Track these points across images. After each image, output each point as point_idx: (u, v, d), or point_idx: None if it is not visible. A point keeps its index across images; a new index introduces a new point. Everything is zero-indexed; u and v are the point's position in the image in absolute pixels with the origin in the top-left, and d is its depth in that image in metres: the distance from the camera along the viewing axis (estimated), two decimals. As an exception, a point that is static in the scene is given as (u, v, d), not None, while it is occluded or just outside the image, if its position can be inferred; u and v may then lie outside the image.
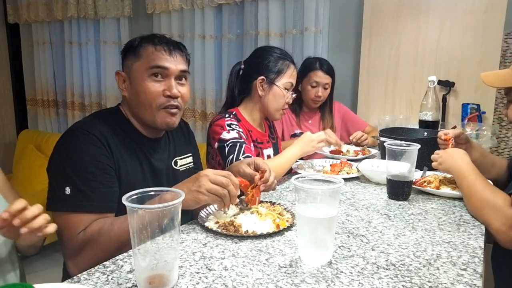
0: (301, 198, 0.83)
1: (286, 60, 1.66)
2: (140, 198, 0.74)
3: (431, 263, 0.84)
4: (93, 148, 1.07)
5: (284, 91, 1.64)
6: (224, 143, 1.51)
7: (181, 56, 1.19)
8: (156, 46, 1.15)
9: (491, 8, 2.16)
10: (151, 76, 1.14)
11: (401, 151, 1.24)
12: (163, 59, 1.14)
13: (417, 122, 1.99)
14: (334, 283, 0.76)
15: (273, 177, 1.19)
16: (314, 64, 2.16)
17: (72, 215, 1.03)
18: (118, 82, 1.20)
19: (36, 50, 3.88)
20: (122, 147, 1.14)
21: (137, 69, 1.15)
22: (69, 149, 1.08)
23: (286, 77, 1.64)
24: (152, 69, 1.13)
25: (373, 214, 1.14)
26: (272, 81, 1.63)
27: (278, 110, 1.66)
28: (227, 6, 2.92)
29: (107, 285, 0.74)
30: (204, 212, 1.09)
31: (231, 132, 1.53)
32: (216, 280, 0.76)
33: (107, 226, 1.00)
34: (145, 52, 1.15)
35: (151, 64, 1.13)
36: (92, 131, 1.09)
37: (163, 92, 1.14)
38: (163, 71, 1.14)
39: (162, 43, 1.16)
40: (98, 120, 1.16)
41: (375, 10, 2.47)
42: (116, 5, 3.35)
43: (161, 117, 1.16)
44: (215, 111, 3.11)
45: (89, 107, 3.68)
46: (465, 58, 2.26)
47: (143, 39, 1.18)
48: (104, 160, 1.07)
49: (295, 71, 1.69)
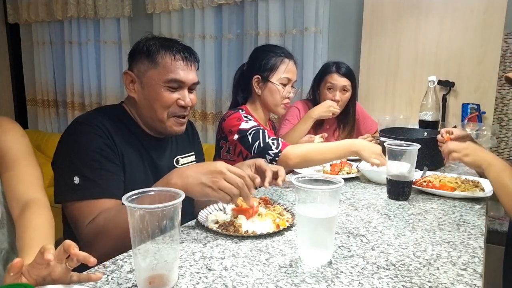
0: (301, 198, 0.83)
1: (280, 56, 1.67)
2: (140, 198, 0.74)
3: (431, 263, 0.84)
4: (98, 138, 1.08)
5: (279, 86, 1.65)
6: (246, 133, 1.52)
7: (194, 65, 1.20)
8: (175, 56, 1.15)
9: (491, 8, 2.16)
10: (167, 86, 1.15)
11: (401, 151, 1.24)
12: (181, 71, 1.15)
13: (417, 122, 1.99)
14: (334, 283, 0.76)
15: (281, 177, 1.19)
16: (330, 67, 2.09)
17: (83, 203, 1.03)
18: (125, 81, 1.20)
19: (36, 50, 3.88)
20: (125, 142, 1.15)
21: (153, 76, 1.15)
22: (74, 140, 1.09)
23: (280, 72, 1.65)
24: (170, 82, 1.14)
25: (373, 214, 1.14)
26: (266, 78, 1.66)
27: (278, 105, 1.68)
28: (227, 6, 2.92)
29: (107, 285, 0.74)
30: (204, 212, 1.09)
31: (249, 122, 1.56)
32: (216, 280, 0.76)
33: (112, 215, 1.00)
34: (163, 61, 1.14)
35: (170, 77, 1.14)
36: (95, 123, 1.10)
37: (176, 101, 1.17)
38: (179, 84, 1.16)
39: (179, 52, 1.16)
40: (101, 114, 1.17)
41: (375, 10, 2.47)
42: (116, 5, 3.35)
43: (170, 125, 1.19)
44: (215, 111, 3.11)
45: (89, 107, 3.67)
46: (465, 58, 2.27)
47: (161, 46, 1.16)
48: (108, 149, 1.09)
49: (293, 66, 1.69)
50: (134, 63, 1.19)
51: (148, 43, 1.17)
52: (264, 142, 1.49)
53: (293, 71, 1.69)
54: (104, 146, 1.08)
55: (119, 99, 3.60)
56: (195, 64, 1.21)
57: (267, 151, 1.47)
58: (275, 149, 1.46)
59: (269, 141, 1.48)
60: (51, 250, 0.63)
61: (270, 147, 1.47)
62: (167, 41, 1.18)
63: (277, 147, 1.46)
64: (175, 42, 1.19)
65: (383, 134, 1.71)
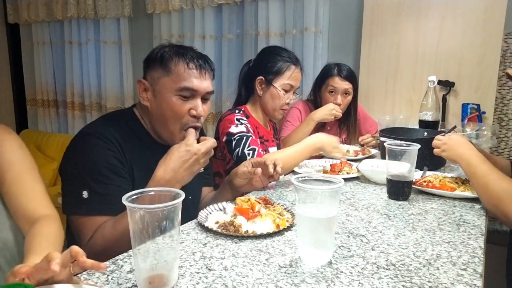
0: (301, 198, 0.83)
1: (287, 62, 1.66)
2: (140, 198, 0.74)
3: (431, 263, 0.84)
4: (107, 152, 1.06)
5: (281, 92, 1.64)
6: (232, 137, 1.53)
7: (209, 74, 1.17)
8: (188, 63, 1.12)
9: (491, 8, 2.16)
10: (179, 95, 1.12)
11: (401, 151, 1.24)
12: (194, 79, 1.12)
13: (417, 122, 1.99)
14: (334, 283, 0.76)
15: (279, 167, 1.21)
16: (332, 70, 2.08)
17: (89, 218, 1.03)
18: (138, 90, 1.18)
19: (36, 50, 3.89)
20: (135, 151, 1.13)
21: (165, 84, 1.12)
22: (83, 153, 1.07)
23: (285, 78, 1.65)
24: (182, 91, 1.12)
25: (373, 214, 1.14)
26: (270, 82, 1.65)
27: (276, 110, 1.68)
28: (227, 6, 2.92)
29: (107, 285, 0.74)
30: (204, 212, 1.09)
31: (239, 126, 1.56)
32: (216, 280, 0.76)
33: (108, 232, 1.00)
34: (176, 68, 1.12)
35: (182, 85, 1.11)
36: (104, 134, 1.08)
37: (189, 111, 1.13)
38: (192, 92, 1.13)
39: (193, 60, 1.13)
40: (110, 122, 1.14)
41: (375, 10, 2.47)
42: (116, 5, 3.35)
43: (182, 138, 1.13)
44: (215, 111, 3.12)
45: (89, 107, 3.68)
46: (465, 58, 2.27)
47: (175, 54, 1.14)
48: (118, 163, 1.07)
49: (298, 73, 1.68)
50: (148, 70, 1.16)
51: (162, 50, 1.15)
52: (242, 151, 1.49)
53: (297, 78, 1.68)
54: (113, 160, 1.07)
55: (119, 99, 3.65)
56: (210, 73, 1.18)
57: (242, 161, 1.47)
58: None
59: (246, 150, 1.49)
60: (57, 259, 0.62)
61: (246, 157, 1.48)
62: (182, 49, 1.16)
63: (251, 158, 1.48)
64: (190, 50, 1.16)
65: (383, 134, 1.71)
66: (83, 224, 1.04)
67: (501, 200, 1.03)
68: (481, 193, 1.11)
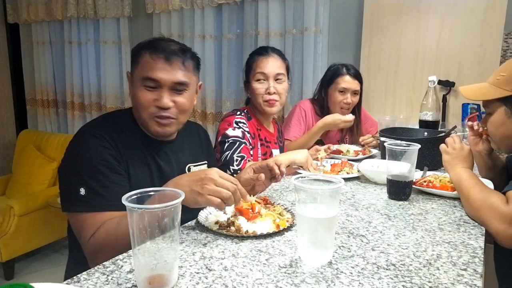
0: (301, 198, 0.82)
1: (253, 56, 1.69)
2: (140, 198, 0.74)
3: (431, 263, 0.84)
4: (103, 150, 1.08)
5: (254, 84, 1.66)
6: (226, 139, 1.55)
7: (181, 65, 1.14)
8: (152, 54, 1.12)
9: (491, 8, 2.16)
10: (143, 85, 1.13)
11: (401, 151, 1.24)
12: (156, 69, 1.11)
13: (417, 122, 1.99)
14: (334, 283, 0.75)
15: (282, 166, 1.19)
16: (340, 69, 2.07)
17: (88, 215, 1.03)
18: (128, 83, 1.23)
19: (36, 50, 3.89)
20: (131, 149, 1.15)
21: (135, 75, 1.16)
22: (80, 151, 1.09)
23: (254, 70, 1.67)
24: (146, 81, 1.12)
25: (373, 214, 1.14)
26: (248, 81, 1.70)
27: (260, 104, 1.68)
28: (227, 6, 2.92)
29: (107, 285, 0.74)
30: (204, 212, 1.09)
31: (236, 130, 1.57)
32: (216, 280, 0.76)
33: (113, 227, 0.99)
34: (142, 60, 1.14)
35: (143, 75, 1.12)
36: (100, 133, 1.10)
37: (154, 101, 1.13)
38: (154, 82, 1.12)
39: (160, 51, 1.12)
40: (106, 122, 1.17)
41: (375, 10, 2.47)
42: (116, 5, 3.35)
43: (152, 126, 1.16)
44: (215, 111, 3.11)
45: (89, 107, 3.68)
46: (465, 58, 2.27)
47: (144, 45, 1.15)
48: (113, 160, 1.09)
49: (265, 59, 1.65)
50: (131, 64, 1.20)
51: (141, 43, 1.17)
52: (230, 156, 1.50)
53: (263, 65, 1.64)
54: (109, 157, 1.08)
55: (119, 99, 3.65)
56: (187, 64, 1.16)
57: (228, 166, 1.49)
58: (236, 166, 1.49)
59: (235, 156, 1.50)
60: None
61: (232, 162, 1.49)
62: (157, 41, 1.16)
63: (238, 165, 1.49)
64: (165, 41, 1.16)
65: (383, 134, 1.71)
66: (84, 221, 1.04)
67: (479, 210, 1.08)
68: (464, 203, 1.17)
